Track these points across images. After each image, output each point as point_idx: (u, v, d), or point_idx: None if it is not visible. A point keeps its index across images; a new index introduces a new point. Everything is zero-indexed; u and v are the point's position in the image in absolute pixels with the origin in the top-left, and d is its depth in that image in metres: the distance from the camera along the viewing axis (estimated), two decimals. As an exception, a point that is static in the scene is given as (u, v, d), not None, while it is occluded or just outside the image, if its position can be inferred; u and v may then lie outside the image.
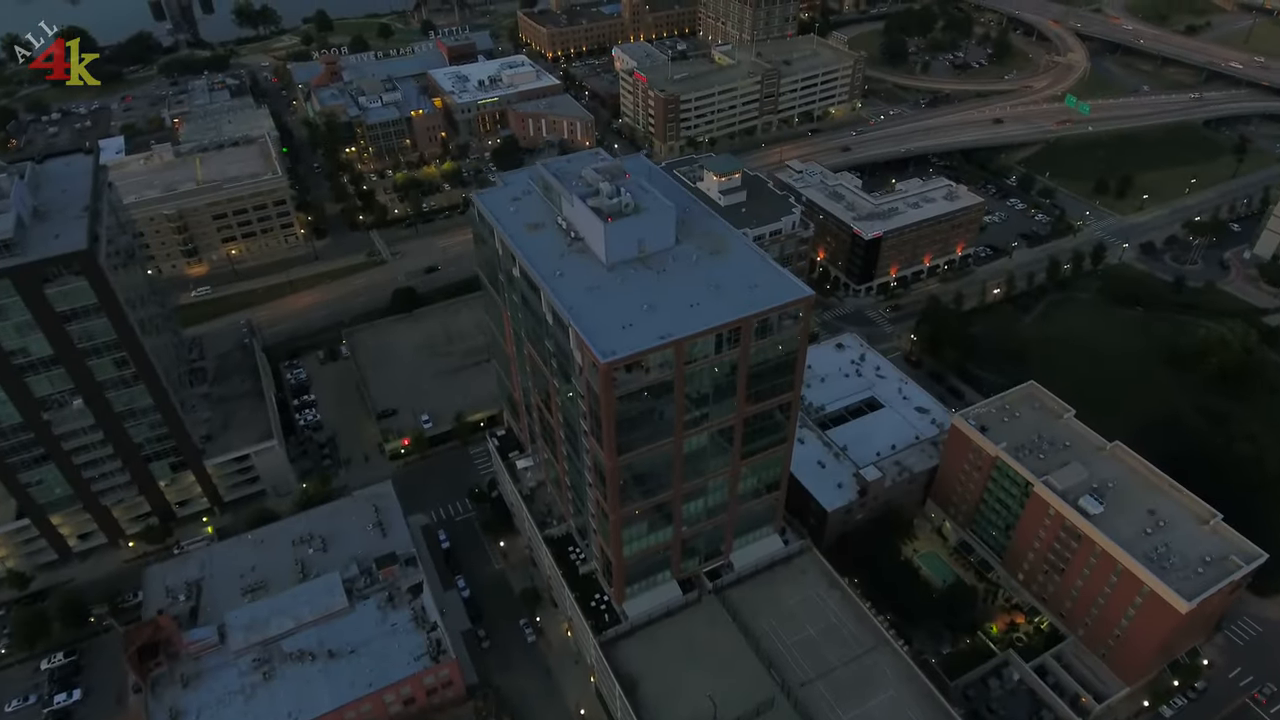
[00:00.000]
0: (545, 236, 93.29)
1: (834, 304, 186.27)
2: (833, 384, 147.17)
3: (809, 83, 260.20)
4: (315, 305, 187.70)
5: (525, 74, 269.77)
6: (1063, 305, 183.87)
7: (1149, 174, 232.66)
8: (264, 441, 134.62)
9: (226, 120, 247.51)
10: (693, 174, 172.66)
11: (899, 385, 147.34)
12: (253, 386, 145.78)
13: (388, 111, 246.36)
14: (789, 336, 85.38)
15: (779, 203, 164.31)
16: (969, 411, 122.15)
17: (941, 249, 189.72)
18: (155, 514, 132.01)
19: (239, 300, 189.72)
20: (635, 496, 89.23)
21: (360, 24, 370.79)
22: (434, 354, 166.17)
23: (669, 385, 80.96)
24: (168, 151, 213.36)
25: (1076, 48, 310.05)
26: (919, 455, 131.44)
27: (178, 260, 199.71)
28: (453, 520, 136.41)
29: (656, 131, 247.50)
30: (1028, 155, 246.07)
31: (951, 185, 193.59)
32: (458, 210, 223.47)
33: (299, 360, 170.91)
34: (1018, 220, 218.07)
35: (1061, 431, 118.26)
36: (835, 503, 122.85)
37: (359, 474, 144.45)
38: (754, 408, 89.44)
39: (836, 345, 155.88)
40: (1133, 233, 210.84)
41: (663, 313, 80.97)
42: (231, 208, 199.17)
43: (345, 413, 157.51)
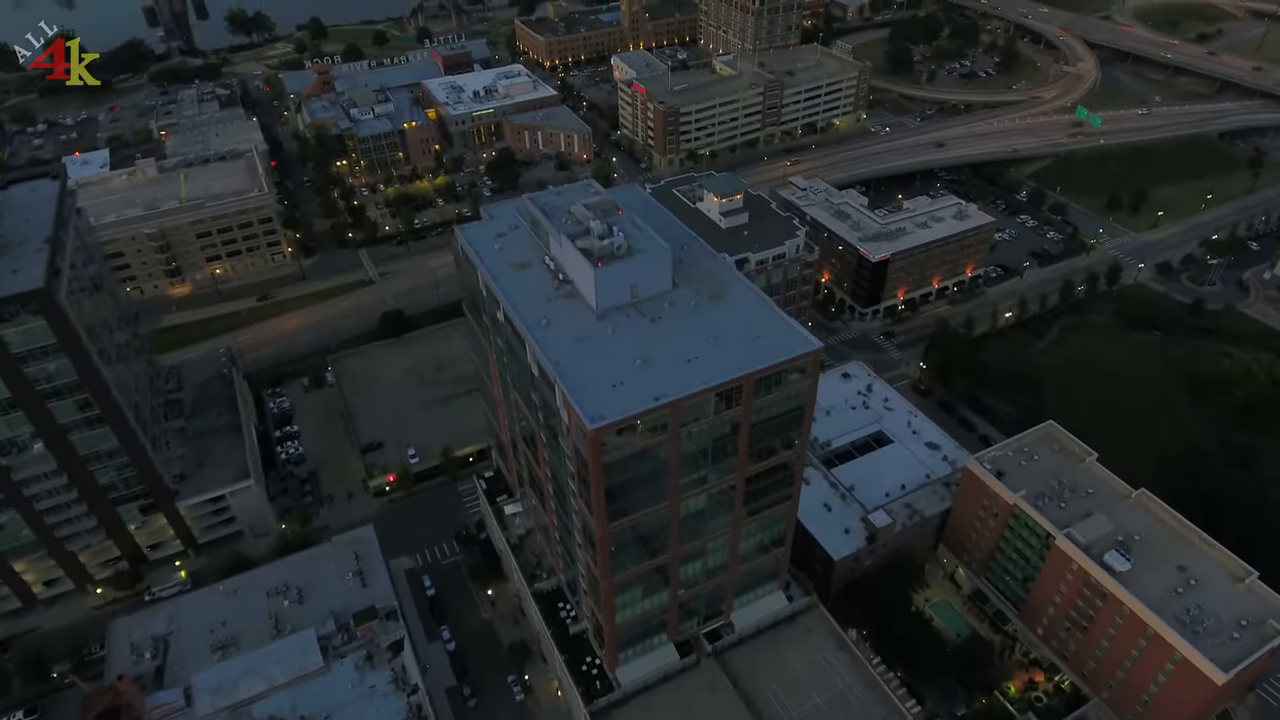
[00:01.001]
0: (531, 278, 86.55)
1: (839, 328, 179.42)
2: (839, 417, 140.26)
3: (812, 94, 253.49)
4: (301, 328, 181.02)
5: (522, 84, 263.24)
6: (1077, 329, 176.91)
7: (1163, 189, 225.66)
8: (240, 481, 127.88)
9: (215, 132, 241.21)
10: (692, 193, 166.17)
11: (908, 418, 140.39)
12: (231, 420, 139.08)
13: (380, 124, 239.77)
14: (795, 392, 78.52)
15: (782, 225, 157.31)
16: (984, 455, 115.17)
17: (951, 270, 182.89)
18: (125, 558, 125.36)
19: (222, 323, 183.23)
20: (628, 563, 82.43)
21: (355, 31, 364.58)
22: (422, 382, 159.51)
23: (664, 449, 74.14)
24: (151, 167, 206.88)
25: (1086, 57, 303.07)
26: (930, 497, 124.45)
27: (160, 280, 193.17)
28: (438, 564, 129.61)
29: (656, 144, 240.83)
30: (1038, 169, 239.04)
31: (961, 204, 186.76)
32: (450, 227, 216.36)
33: (283, 388, 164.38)
34: (1029, 238, 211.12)
35: (1083, 477, 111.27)
36: (843, 551, 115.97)
37: (341, 512, 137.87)
38: (757, 466, 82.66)
39: (842, 375, 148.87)
40: (1148, 251, 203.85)
41: (657, 368, 74.15)
42: (216, 226, 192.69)
43: (329, 444, 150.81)
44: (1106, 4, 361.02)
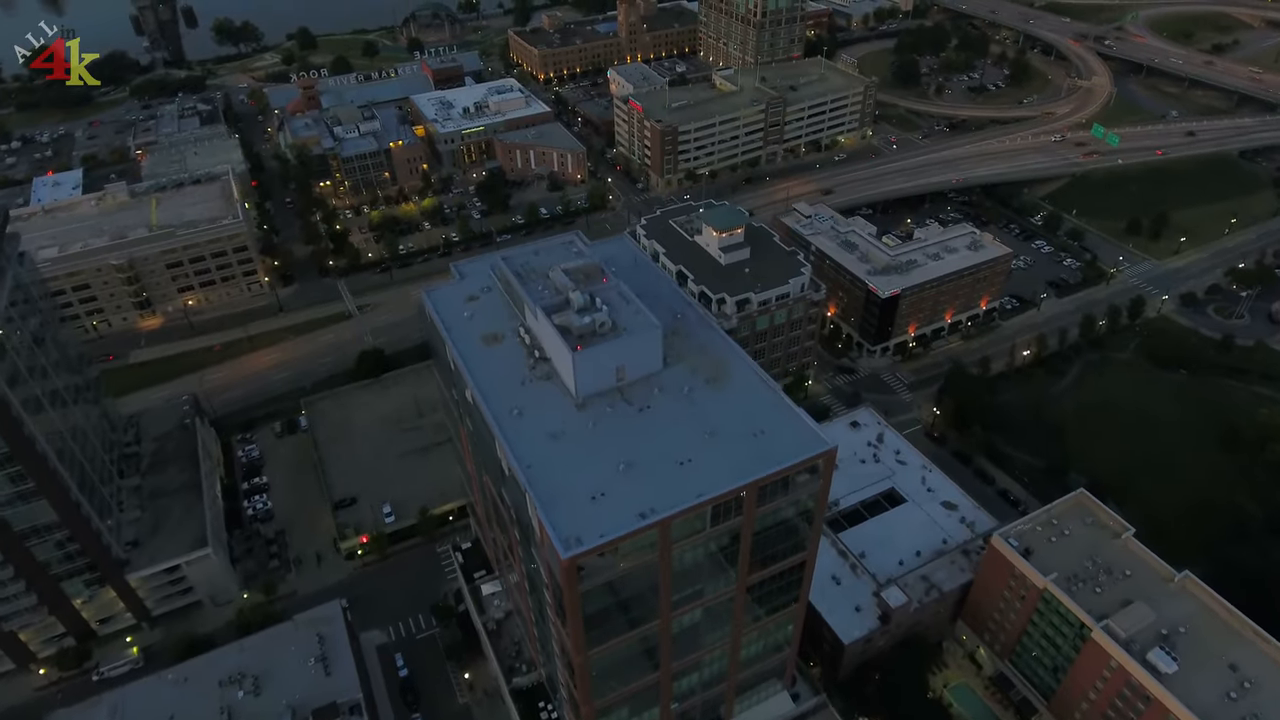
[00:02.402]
0: (504, 354, 76.31)
1: (847, 366, 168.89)
2: (848, 472, 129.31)
3: (816, 110, 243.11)
4: (275, 366, 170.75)
5: (514, 100, 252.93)
6: (1099, 368, 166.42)
7: (1184, 211, 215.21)
8: (197, 549, 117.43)
9: (193, 151, 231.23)
10: (690, 225, 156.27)
11: (922, 473, 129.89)
12: (191, 477, 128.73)
13: (365, 143, 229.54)
14: (805, 495, 68.23)
15: (786, 261, 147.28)
16: (1010, 530, 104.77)
17: (965, 304, 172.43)
18: (71, 634, 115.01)
19: (193, 359, 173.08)
20: (611, 687, 72.11)
21: (345, 41, 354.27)
22: (401, 428, 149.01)
23: (652, 568, 63.86)
24: (122, 191, 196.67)
25: (1100, 70, 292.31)
26: (949, 568, 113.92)
27: (129, 313, 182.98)
28: (413, 639, 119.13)
29: (653, 164, 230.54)
30: (1053, 190, 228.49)
31: (975, 233, 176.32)
32: (437, 252, 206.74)
33: (253, 433, 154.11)
34: (1045, 265, 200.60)
35: (1120, 556, 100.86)
36: (854, 633, 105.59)
37: (310, 577, 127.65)
38: (760, 574, 72.37)
39: (851, 423, 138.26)
40: (1171, 280, 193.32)
41: (644, 473, 63.92)
42: (188, 255, 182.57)
43: (300, 498, 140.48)
44: (1119, 14, 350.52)
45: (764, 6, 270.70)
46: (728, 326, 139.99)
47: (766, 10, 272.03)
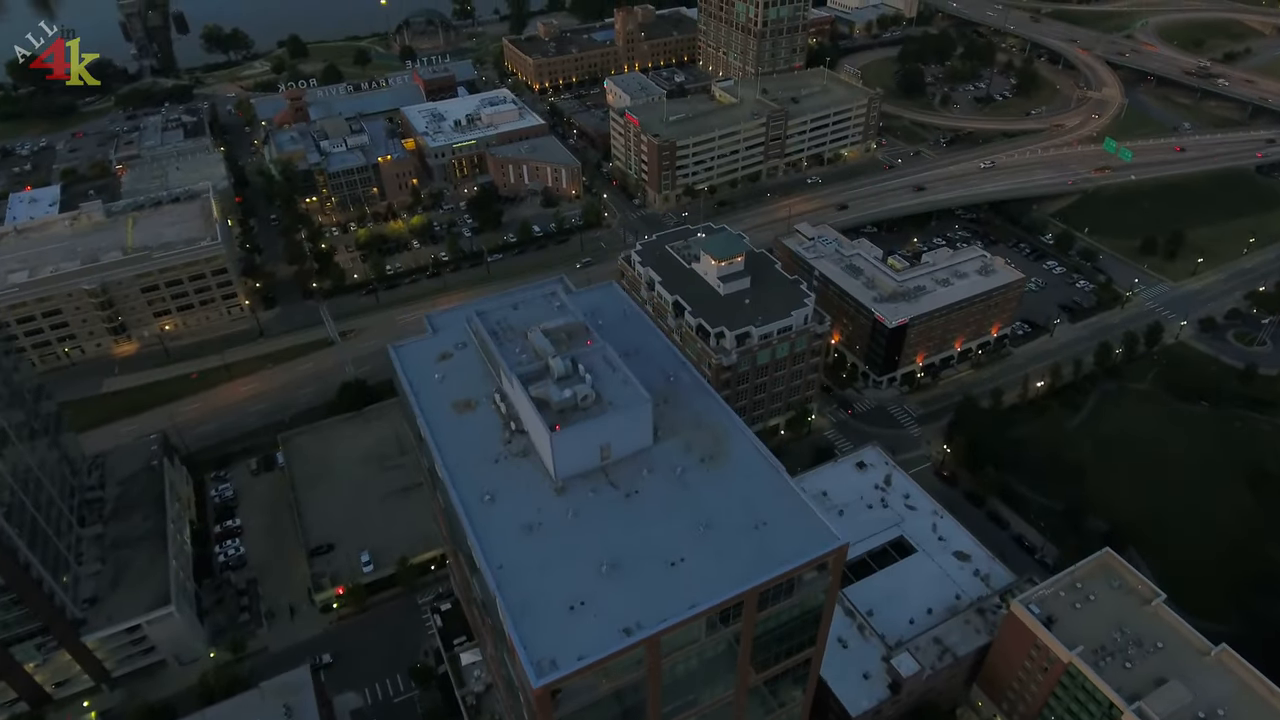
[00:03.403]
0: (477, 422, 68.73)
1: (852, 397, 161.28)
2: (854, 518, 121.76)
3: (819, 123, 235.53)
4: (253, 396, 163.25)
5: (507, 112, 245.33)
6: (1116, 400, 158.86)
7: (1200, 229, 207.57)
8: (159, 608, 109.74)
9: (175, 166, 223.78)
10: (688, 250, 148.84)
11: (933, 519, 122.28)
12: (157, 524, 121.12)
13: (352, 157, 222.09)
14: (813, 593, 60.66)
15: (788, 291, 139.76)
16: (1031, 596, 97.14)
17: (975, 331, 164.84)
18: (24, 699, 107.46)
19: (168, 389, 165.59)
20: (596, 802, 64.42)
21: (337, 48, 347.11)
22: (383, 466, 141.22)
23: (639, 685, 56.27)
24: (98, 210, 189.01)
25: (1110, 80, 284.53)
26: (963, 629, 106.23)
27: (103, 339, 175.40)
28: (390, 703, 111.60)
29: (650, 179, 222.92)
30: (1064, 207, 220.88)
31: (986, 256, 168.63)
32: (426, 273, 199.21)
33: (228, 471, 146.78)
34: (1057, 287, 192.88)
35: (1150, 625, 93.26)
36: (862, 704, 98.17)
37: (282, 632, 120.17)
38: (762, 675, 64.78)
39: (857, 464, 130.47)
40: (1189, 303, 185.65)
41: (629, 577, 56.37)
42: (164, 279, 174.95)
43: (275, 543, 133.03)
44: (1127, 21, 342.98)
45: (765, 16, 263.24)
46: (727, 362, 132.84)
47: (767, 20, 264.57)
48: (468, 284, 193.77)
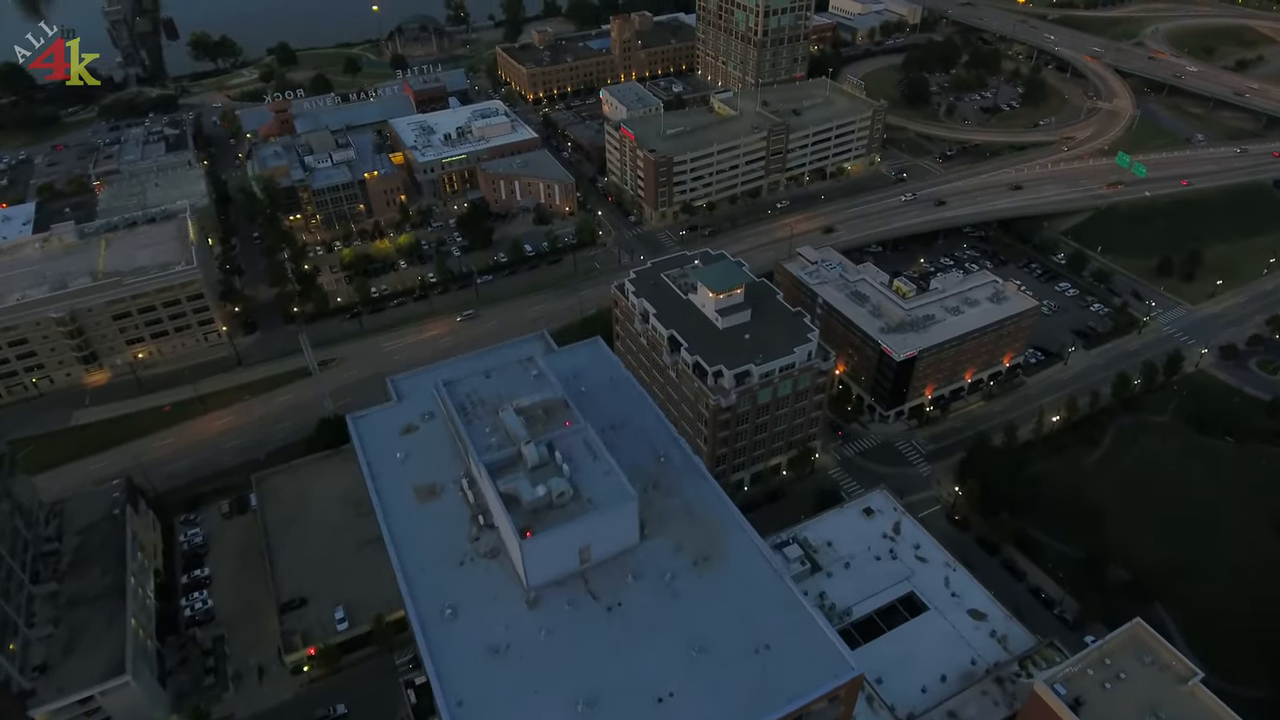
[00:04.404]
0: (442, 513, 61.07)
1: (857, 431, 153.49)
2: (861, 571, 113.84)
3: (822, 136, 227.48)
4: (228, 431, 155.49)
5: (499, 125, 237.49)
6: (1135, 434, 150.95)
7: (1217, 247, 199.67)
8: (115, 677, 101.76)
9: (154, 183, 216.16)
10: (684, 280, 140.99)
11: (945, 572, 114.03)
12: (116, 580, 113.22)
13: (338, 173, 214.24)
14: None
15: (791, 324, 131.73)
16: (1056, 674, 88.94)
17: (986, 361, 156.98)
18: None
19: (140, 422, 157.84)
20: None
21: (328, 55, 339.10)
22: (360, 511, 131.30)
23: (620, 845, 48.45)
24: (70, 233, 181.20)
25: (1121, 91, 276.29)
26: (979, 701, 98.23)
27: (73, 368, 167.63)
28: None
29: (646, 196, 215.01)
30: (1075, 224, 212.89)
31: (998, 282, 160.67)
32: (413, 295, 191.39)
33: (199, 514, 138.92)
34: (1070, 310, 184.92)
35: (1187, 709, 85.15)
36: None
37: (250, 697, 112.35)
38: (763, 808, 56.81)
39: (864, 510, 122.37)
40: (1208, 329, 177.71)
41: (609, 715, 48.39)
42: (136, 305, 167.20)
43: (246, 594, 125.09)
44: (1136, 27, 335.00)
45: (765, 25, 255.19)
46: (726, 403, 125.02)
47: (768, 29, 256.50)
48: (456, 307, 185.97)
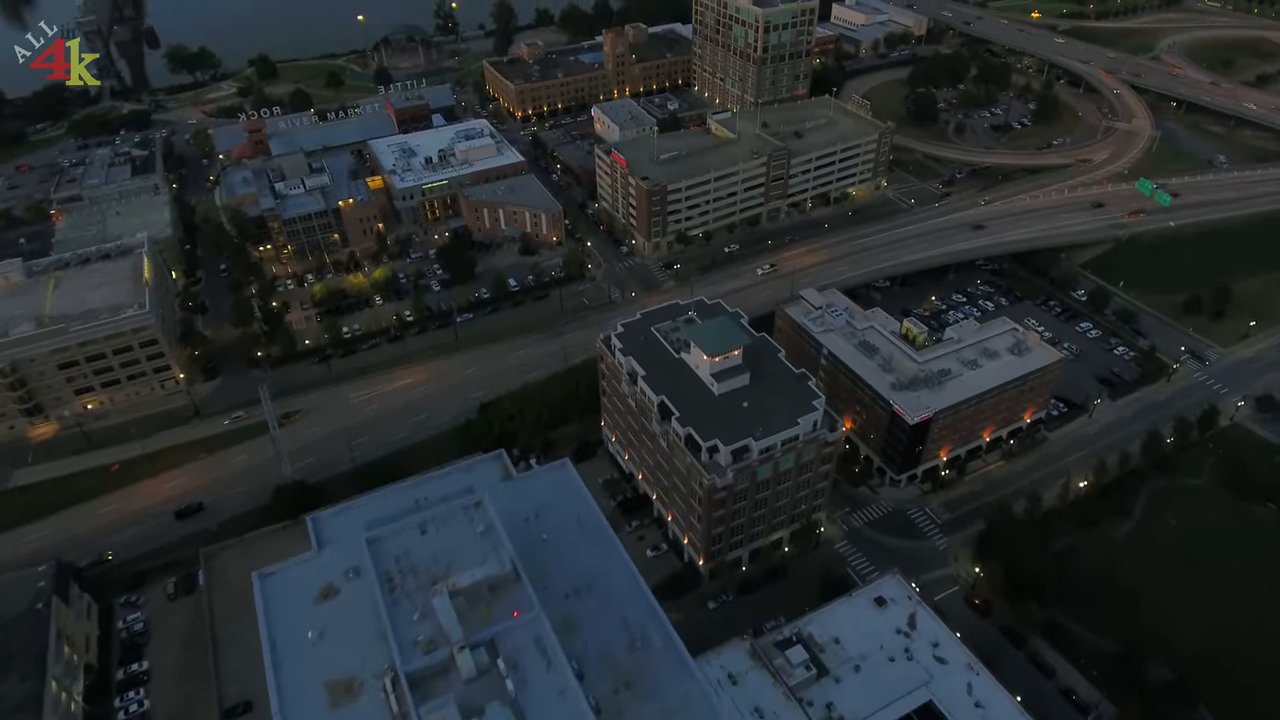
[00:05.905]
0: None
1: (865, 498, 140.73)
2: (872, 675, 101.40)
3: (825, 160, 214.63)
4: (179, 495, 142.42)
5: (484, 147, 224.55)
6: (1170, 500, 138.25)
7: (1247, 282, 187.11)
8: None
9: (115, 211, 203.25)
10: (676, 335, 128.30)
11: (968, 677, 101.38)
12: (33, 691, 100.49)
13: (310, 201, 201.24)
14: None
15: (795, 389, 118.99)
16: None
17: (1006, 419, 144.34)
18: None
19: (84, 483, 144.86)
20: None
21: (308, 68, 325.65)
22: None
23: None
24: (17, 271, 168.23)
25: (1139, 110, 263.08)
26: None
27: (16, 420, 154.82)
28: None
29: (639, 225, 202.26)
30: (1095, 256, 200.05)
31: (1018, 331, 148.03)
32: (387, 336, 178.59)
33: (141, 594, 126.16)
34: (1093, 354, 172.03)
35: None
36: None
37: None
38: None
39: (875, 600, 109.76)
40: (1242, 375, 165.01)
41: None
42: (84, 354, 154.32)
43: (188, 695, 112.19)
44: (1152, 38, 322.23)
45: (765, 41, 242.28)
46: (722, 483, 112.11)
47: (768, 45, 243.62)
48: (433, 351, 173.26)
